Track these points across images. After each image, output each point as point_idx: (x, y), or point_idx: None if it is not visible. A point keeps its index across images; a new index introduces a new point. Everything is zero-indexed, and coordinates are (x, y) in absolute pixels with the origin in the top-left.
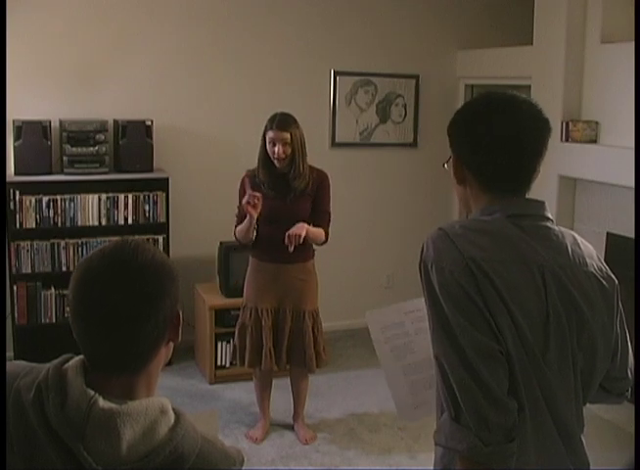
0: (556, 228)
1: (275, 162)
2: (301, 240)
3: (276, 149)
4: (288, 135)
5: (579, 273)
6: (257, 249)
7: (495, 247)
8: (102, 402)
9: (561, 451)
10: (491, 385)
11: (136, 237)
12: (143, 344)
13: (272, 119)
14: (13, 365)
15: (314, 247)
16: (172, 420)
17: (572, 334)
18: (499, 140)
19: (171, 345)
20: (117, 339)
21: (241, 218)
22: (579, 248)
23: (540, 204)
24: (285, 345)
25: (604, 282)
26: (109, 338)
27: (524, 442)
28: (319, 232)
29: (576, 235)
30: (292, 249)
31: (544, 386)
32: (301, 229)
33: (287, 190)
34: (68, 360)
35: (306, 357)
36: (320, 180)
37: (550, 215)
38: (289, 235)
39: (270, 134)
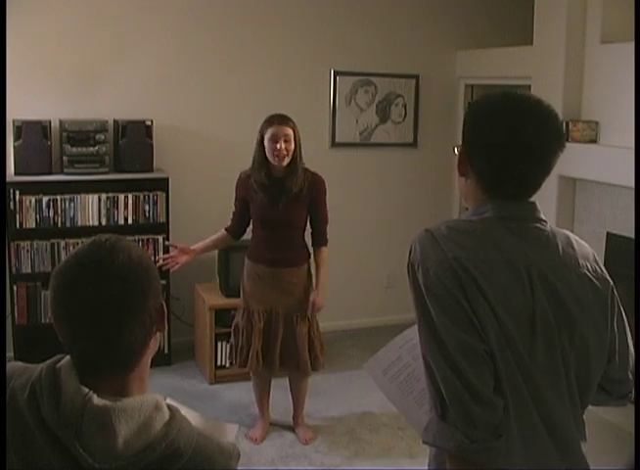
0: (548, 229)
1: (276, 160)
2: (321, 306)
3: (278, 145)
4: (290, 131)
5: (570, 274)
6: (252, 251)
7: (480, 247)
8: (96, 400)
9: (550, 452)
10: (476, 383)
11: (137, 237)
12: (132, 347)
13: (270, 118)
14: (7, 366)
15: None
16: (167, 416)
17: (562, 334)
18: (508, 147)
19: (159, 334)
20: (106, 347)
21: (235, 216)
22: (573, 249)
23: (532, 205)
24: (278, 348)
25: (597, 283)
26: (97, 347)
27: (509, 440)
28: (324, 270)
29: (571, 235)
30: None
31: (531, 385)
32: (319, 301)
33: (281, 194)
34: (61, 360)
35: (300, 361)
36: (317, 185)
37: (542, 216)
38: (314, 310)
39: (272, 130)
